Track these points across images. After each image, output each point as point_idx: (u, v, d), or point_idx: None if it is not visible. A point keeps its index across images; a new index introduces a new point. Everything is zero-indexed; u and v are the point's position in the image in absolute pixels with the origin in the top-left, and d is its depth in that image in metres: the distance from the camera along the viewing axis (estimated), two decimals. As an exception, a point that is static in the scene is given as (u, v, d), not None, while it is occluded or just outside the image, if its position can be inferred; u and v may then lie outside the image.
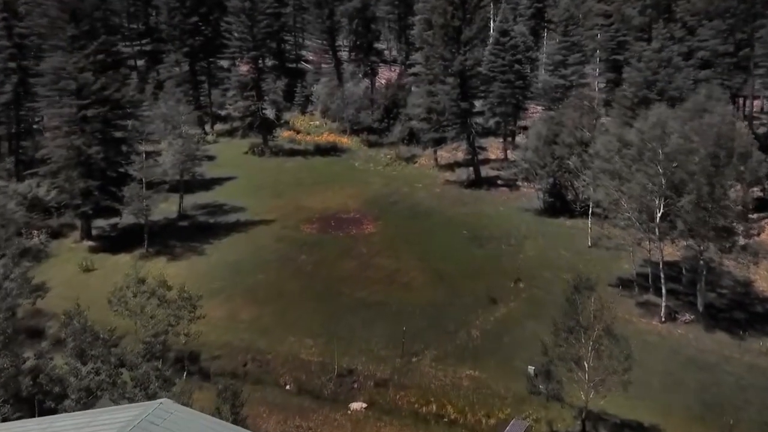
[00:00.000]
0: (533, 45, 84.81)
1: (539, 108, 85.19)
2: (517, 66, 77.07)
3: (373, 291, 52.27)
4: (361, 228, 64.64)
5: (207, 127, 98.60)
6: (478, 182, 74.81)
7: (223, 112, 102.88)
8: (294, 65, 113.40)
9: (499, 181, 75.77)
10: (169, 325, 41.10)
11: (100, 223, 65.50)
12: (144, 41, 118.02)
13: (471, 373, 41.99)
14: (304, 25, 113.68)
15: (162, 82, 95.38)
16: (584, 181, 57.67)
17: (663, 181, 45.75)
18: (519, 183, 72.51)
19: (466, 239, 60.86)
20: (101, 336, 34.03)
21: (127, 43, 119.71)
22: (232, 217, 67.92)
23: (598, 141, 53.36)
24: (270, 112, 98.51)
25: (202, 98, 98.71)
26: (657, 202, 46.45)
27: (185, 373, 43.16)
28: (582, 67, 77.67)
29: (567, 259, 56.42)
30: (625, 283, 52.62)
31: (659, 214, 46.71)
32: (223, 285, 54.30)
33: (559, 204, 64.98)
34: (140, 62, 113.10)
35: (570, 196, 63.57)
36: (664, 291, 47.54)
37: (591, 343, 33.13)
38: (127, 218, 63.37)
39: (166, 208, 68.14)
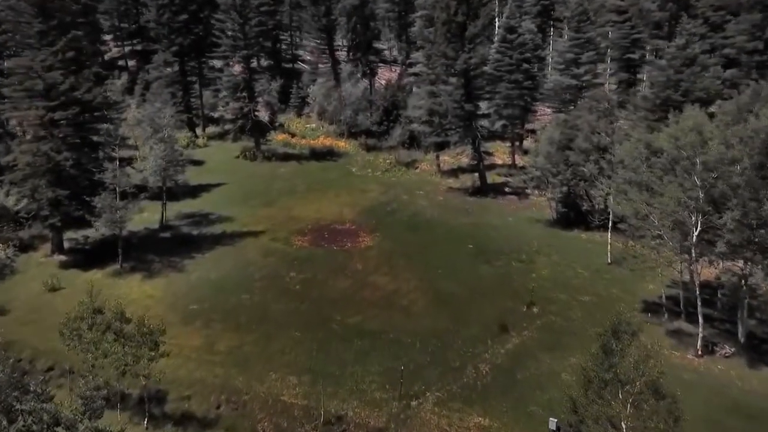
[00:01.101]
0: (541, 43, 77.64)
1: (548, 110, 78.15)
2: (525, 65, 70.03)
3: (368, 316, 45.28)
4: (356, 241, 57.67)
5: (198, 130, 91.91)
6: (483, 190, 67.84)
7: (216, 114, 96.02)
8: (290, 65, 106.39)
9: (506, 189, 68.80)
10: (126, 365, 34.14)
11: (74, 234, 58.53)
12: (135, 41, 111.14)
13: (480, 422, 34.95)
14: (301, 23, 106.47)
15: (150, 83, 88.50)
16: (602, 190, 50.65)
17: (701, 195, 38.67)
18: (528, 191, 65.54)
19: (471, 254, 53.88)
20: (32, 389, 27.05)
21: (119, 43, 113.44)
22: (218, 228, 61.03)
23: (621, 148, 46.41)
24: (264, 115, 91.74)
25: (192, 100, 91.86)
26: (693, 218, 39.38)
27: (146, 418, 36.23)
28: (595, 66, 70.45)
29: (585, 278, 49.40)
30: (652, 308, 45.63)
31: (696, 233, 39.62)
32: (202, 307, 47.36)
33: (574, 215, 57.97)
34: (132, 63, 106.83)
35: (585, 207, 56.56)
36: (701, 319, 40.39)
37: (630, 399, 26.08)
38: (104, 229, 56.29)
39: (148, 217, 61.58)
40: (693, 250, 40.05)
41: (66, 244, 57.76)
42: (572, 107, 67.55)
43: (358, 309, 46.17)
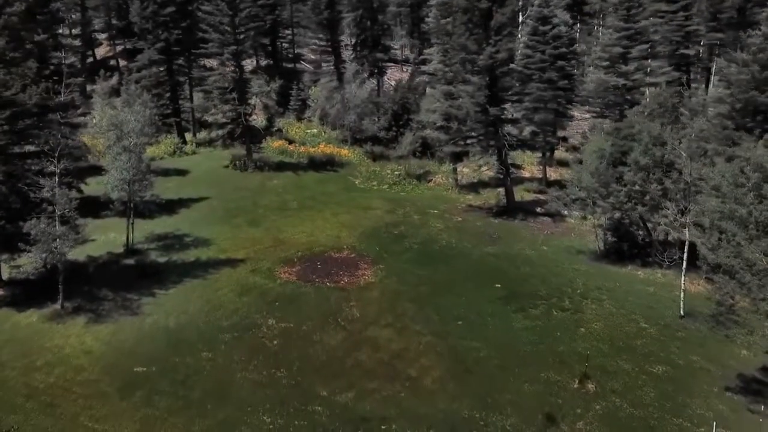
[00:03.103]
0: (577, 37, 64.27)
1: (585, 115, 64.87)
2: (560, 62, 56.75)
3: (364, 391, 32.33)
4: (355, 275, 44.72)
5: (189, 136, 79.33)
6: (510, 210, 54.75)
7: (210, 118, 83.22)
8: (292, 65, 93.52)
9: (538, 209, 55.64)
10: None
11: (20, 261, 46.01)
12: (126, 39, 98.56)
13: None
14: (301, 18, 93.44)
15: (137, 84, 75.92)
16: (670, 219, 37.42)
17: None
18: (565, 212, 52.29)
19: (499, 298, 40.78)
20: None
21: (110, 42, 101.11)
22: (191, 254, 48.34)
23: (715, 169, 32.96)
24: (259, 119, 79.02)
25: (181, 102, 79.21)
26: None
27: None
28: (648, 63, 56.98)
29: (651, 337, 36.09)
30: (751, 386, 32.29)
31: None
32: (149, 371, 34.58)
33: (627, 247, 44.66)
34: (123, 62, 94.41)
35: (643, 237, 43.23)
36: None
37: None
38: (38, 261, 43.61)
39: (114, 239, 49.65)
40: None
41: (6, 274, 45.19)
42: (617, 111, 54.41)
43: (350, 380, 33.19)
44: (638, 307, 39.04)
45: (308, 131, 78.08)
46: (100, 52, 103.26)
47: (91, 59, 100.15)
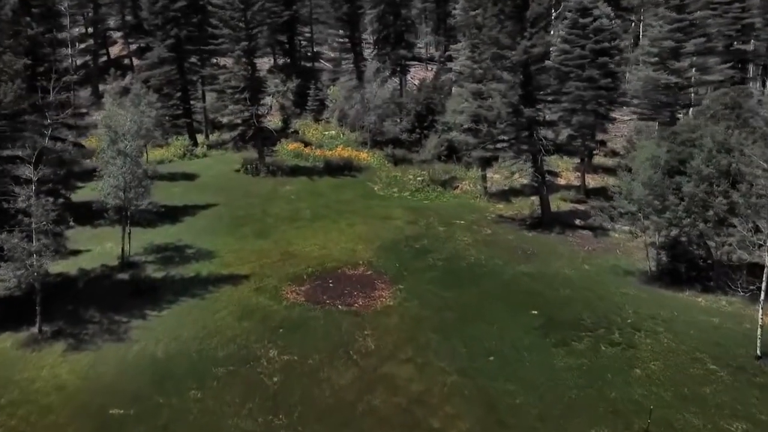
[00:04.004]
0: (620, 31, 57.85)
1: (625, 117, 58.50)
2: (603, 58, 50.52)
3: (379, 448, 26.56)
4: (371, 296, 39.06)
5: (201, 137, 74.32)
6: (546, 221, 48.74)
7: (224, 119, 78.00)
8: (310, 64, 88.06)
9: (577, 221, 49.56)
10: None
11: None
12: (140, 37, 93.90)
13: None
14: (320, 14, 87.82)
15: (147, 83, 71.02)
16: (743, 239, 31.20)
17: None
18: (607, 225, 46.09)
19: (537, 327, 34.84)
20: None
21: (125, 41, 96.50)
22: (191, 269, 43.10)
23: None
24: (275, 120, 73.75)
25: (192, 102, 74.14)
26: None
27: None
28: (701, 59, 50.32)
29: (723, 383, 29.83)
30: None
31: None
32: (125, 415, 29.26)
33: (684, 268, 38.34)
34: (137, 62, 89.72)
35: (704, 258, 37.00)
36: None
37: None
38: (13, 280, 38.49)
39: (111, 250, 45.04)
40: None
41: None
42: (667, 113, 48.14)
43: (361, 430, 27.42)
44: (703, 343, 32.78)
45: (326, 133, 72.58)
46: (114, 50, 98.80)
47: (104, 58, 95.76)
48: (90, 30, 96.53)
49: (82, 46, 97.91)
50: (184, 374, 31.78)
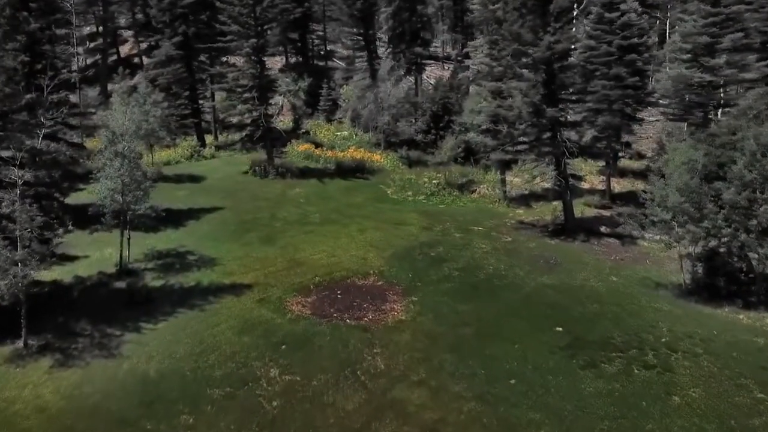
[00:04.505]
0: (647, 27, 54.42)
1: (651, 118, 55.07)
2: (631, 55, 47.20)
3: (387, 488, 23.60)
4: (382, 309, 36.11)
5: (210, 138, 71.90)
6: (570, 228, 45.57)
7: (235, 119, 75.43)
8: (323, 63, 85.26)
9: (602, 228, 46.27)
10: None
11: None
12: (149, 35, 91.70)
13: None
14: (333, 11, 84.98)
15: (155, 81, 68.73)
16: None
17: None
18: (636, 233, 42.83)
19: (562, 347, 31.72)
20: None
21: (135, 39, 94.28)
22: (191, 278, 40.40)
23: None
24: (286, 120, 71.17)
25: (201, 102, 71.66)
26: None
27: None
28: (742, 56, 46.73)
29: (775, 415, 26.54)
30: None
31: None
32: (110, 440, 26.38)
33: (724, 282, 35.01)
34: (147, 60, 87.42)
35: (745, 271, 33.67)
36: None
37: None
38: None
39: (110, 256, 42.64)
40: None
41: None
42: (700, 113, 44.82)
43: (369, 467, 24.55)
44: (747, 366, 29.51)
45: (338, 134, 69.80)
46: (125, 49, 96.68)
47: (114, 57, 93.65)
48: (100, 29, 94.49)
49: (92, 44, 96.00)
50: (176, 396, 29.00)
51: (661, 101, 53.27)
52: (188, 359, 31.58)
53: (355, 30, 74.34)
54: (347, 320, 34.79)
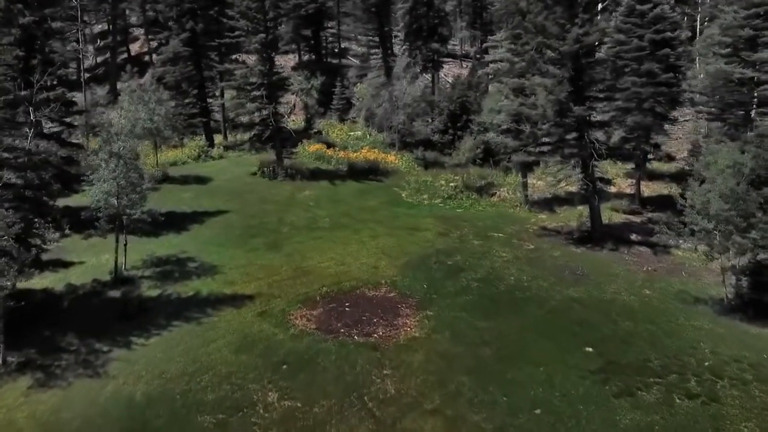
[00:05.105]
0: (681, 20, 50.68)
1: (682, 117, 51.39)
2: (665, 50, 43.61)
3: None
4: (393, 324, 32.94)
5: (220, 138, 69.10)
6: (597, 236, 42.09)
7: (245, 119, 72.53)
8: (337, 61, 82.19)
9: (633, 236, 42.71)
10: None
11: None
12: (157, 31, 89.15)
13: None
14: (348, 6, 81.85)
15: (163, 79, 66.08)
16: None
17: None
18: (671, 241, 39.27)
19: (593, 371, 28.35)
20: None
21: (146, 37, 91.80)
22: (190, 287, 37.50)
23: None
24: (298, 119, 68.22)
25: (210, 100, 68.84)
26: None
27: None
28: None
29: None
30: None
31: None
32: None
33: (771, 298, 31.40)
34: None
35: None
36: None
37: None
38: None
39: (107, 262, 39.69)
40: None
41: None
42: (740, 113, 41.17)
43: None
44: (806, 397, 25.95)
45: (351, 134, 66.70)
46: (135, 48, 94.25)
47: (125, 55, 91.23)
48: (110, 27, 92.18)
49: (103, 43, 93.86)
50: (163, 424, 26.07)
51: (696, 99, 49.48)
52: (179, 380, 28.60)
53: (369, 26, 71.05)
54: (355, 337, 31.65)
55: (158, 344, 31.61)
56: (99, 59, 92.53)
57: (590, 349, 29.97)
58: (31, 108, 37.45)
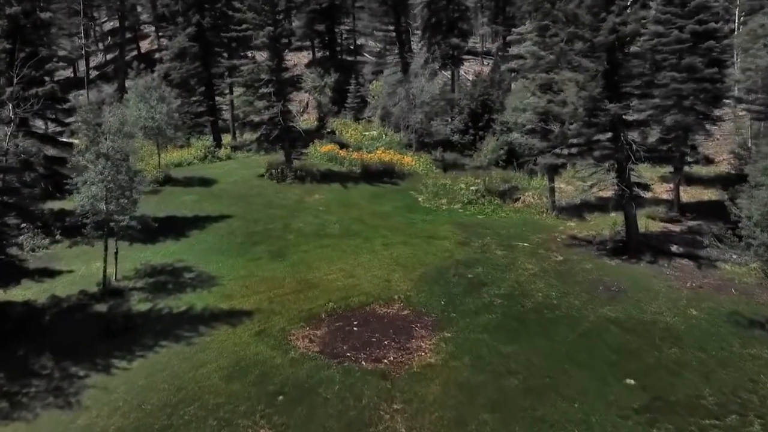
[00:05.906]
0: (724, 13, 46.28)
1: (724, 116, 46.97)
2: (709, 42, 39.31)
3: None
4: (406, 348, 29.05)
5: (228, 138, 65.71)
6: (633, 246, 37.85)
7: (256, 118, 68.97)
8: (352, 58, 78.42)
9: (673, 247, 38.36)
10: None
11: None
12: (162, 27, 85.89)
13: None
14: (363, 1, 77.96)
15: (169, 77, 62.71)
16: None
17: None
18: (716, 253, 34.92)
19: (637, 409, 24.27)
20: None
21: (156, 35, 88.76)
22: (183, 300, 33.94)
23: None
24: (311, 118, 64.59)
25: (218, 98, 65.46)
26: None
27: None
28: None
29: None
30: None
31: None
32: None
33: None
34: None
35: None
36: None
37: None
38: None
39: (97, 271, 36.26)
40: None
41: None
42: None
43: None
44: None
45: (366, 133, 62.90)
46: (146, 45, 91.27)
47: (135, 53, 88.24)
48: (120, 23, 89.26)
49: (112, 40, 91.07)
50: (137, 466, 22.30)
51: (744, 96, 45.06)
52: (160, 413, 24.92)
53: (386, 20, 67.19)
54: (362, 362, 27.79)
55: (141, 368, 27.98)
56: (108, 57, 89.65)
57: (632, 381, 25.85)
58: (11, 104, 33.95)
